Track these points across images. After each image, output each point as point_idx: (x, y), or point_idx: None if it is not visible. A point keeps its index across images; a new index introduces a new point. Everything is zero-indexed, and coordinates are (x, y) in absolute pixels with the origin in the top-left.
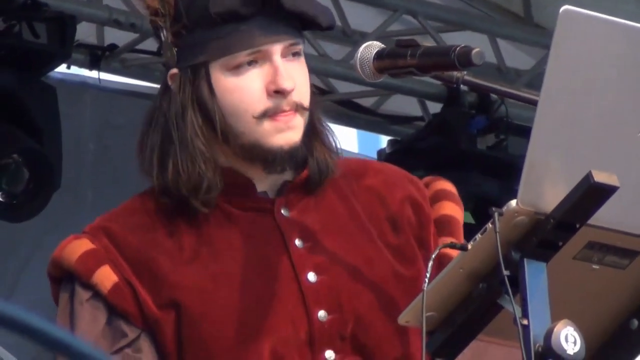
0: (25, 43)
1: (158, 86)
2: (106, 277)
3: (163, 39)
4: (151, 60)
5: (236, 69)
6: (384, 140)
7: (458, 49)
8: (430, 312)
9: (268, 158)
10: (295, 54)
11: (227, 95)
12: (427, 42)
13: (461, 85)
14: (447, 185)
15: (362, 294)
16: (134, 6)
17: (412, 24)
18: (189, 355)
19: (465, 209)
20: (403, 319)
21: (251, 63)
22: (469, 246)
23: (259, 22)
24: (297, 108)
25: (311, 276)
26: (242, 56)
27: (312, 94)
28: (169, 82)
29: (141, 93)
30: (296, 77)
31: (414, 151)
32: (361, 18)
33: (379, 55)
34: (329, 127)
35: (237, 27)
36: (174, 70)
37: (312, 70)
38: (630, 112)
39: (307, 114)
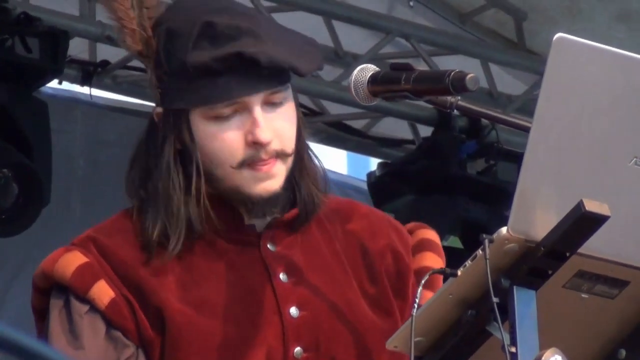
0: (18, 57)
1: (149, 103)
2: (103, 292)
3: (148, 77)
4: (143, 77)
5: (215, 118)
6: (373, 163)
7: (452, 74)
8: (418, 338)
9: (247, 204)
10: (279, 102)
11: (206, 143)
12: (420, 66)
13: (454, 111)
14: (431, 235)
15: (340, 336)
16: None
17: (404, 47)
18: None
19: (454, 234)
20: (391, 344)
21: (232, 114)
22: (459, 272)
23: (237, 76)
24: (278, 155)
25: (293, 311)
26: (221, 107)
27: (300, 133)
28: (155, 119)
29: (132, 110)
30: (278, 126)
31: (404, 174)
32: (354, 40)
33: (374, 78)
34: (319, 165)
35: (214, 81)
36: (159, 109)
37: (303, 91)
38: (622, 140)
39: (290, 159)
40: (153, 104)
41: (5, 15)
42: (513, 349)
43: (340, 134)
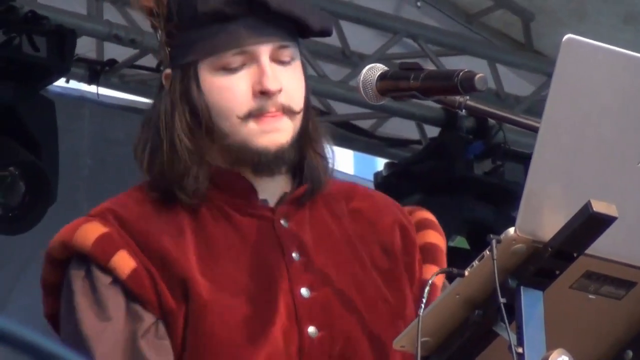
0: (25, 56)
1: None
2: (124, 262)
3: (158, 39)
4: (150, 77)
5: (224, 69)
6: (380, 163)
7: (461, 74)
8: (425, 338)
9: (254, 159)
10: (288, 60)
11: (214, 95)
12: (427, 66)
13: (462, 110)
14: (430, 215)
15: (352, 314)
16: (135, 22)
17: (412, 47)
18: (189, 353)
19: (460, 234)
20: (398, 343)
21: (240, 66)
22: (466, 273)
23: (247, 22)
24: (285, 110)
25: (304, 291)
26: (229, 56)
27: (307, 101)
28: (163, 82)
29: (139, 109)
30: (285, 81)
31: (411, 174)
32: (361, 40)
33: (382, 77)
34: (325, 138)
35: (225, 27)
36: (167, 71)
37: (310, 91)
38: (630, 142)
39: (297, 117)
40: None
41: (13, 14)
42: (520, 350)
43: (347, 134)
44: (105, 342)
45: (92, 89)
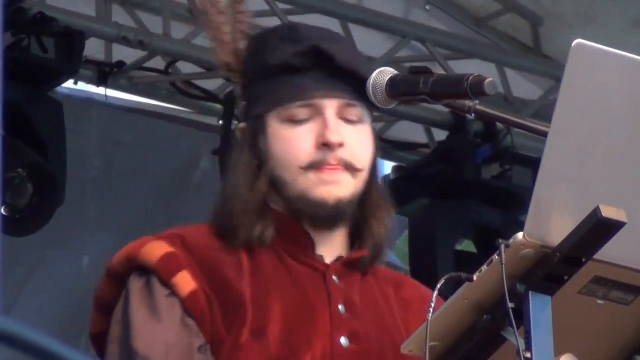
0: (33, 57)
1: (164, 104)
2: (186, 281)
3: (236, 94)
4: (158, 79)
5: (290, 120)
6: (388, 166)
7: (471, 78)
8: (433, 342)
9: (312, 211)
10: (355, 119)
11: (278, 145)
12: (435, 69)
13: (472, 115)
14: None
15: None
16: (143, 23)
17: (420, 51)
18: None
19: (468, 238)
20: (406, 347)
21: (306, 119)
22: (474, 277)
23: (314, 76)
24: (346, 165)
25: (344, 340)
26: (295, 108)
27: (374, 165)
28: (237, 136)
29: (147, 111)
30: (349, 137)
31: (418, 178)
32: (369, 43)
33: (392, 81)
34: (389, 210)
35: (291, 80)
36: (242, 124)
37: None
38: (639, 146)
39: (359, 175)
40: (167, 105)
41: (21, 15)
42: (528, 355)
43: None
44: (153, 342)
45: (100, 90)
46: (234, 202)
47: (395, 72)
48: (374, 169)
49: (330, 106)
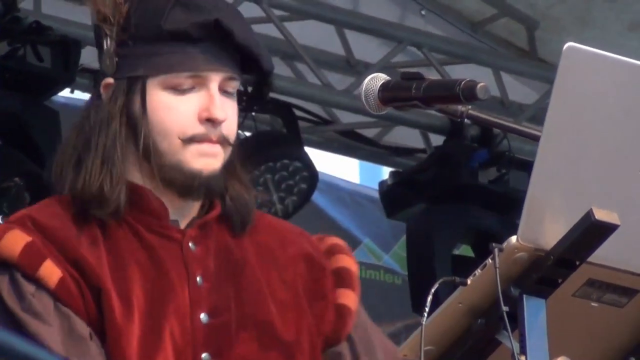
0: (29, 66)
1: None
2: (51, 271)
3: (105, 47)
4: None
5: (173, 89)
6: (385, 172)
7: (463, 83)
8: (428, 346)
9: (186, 182)
10: (232, 92)
11: (158, 113)
12: (431, 74)
13: (465, 120)
14: (339, 240)
15: (248, 343)
16: None
17: (416, 56)
18: None
19: (465, 243)
20: (401, 352)
21: (190, 89)
22: (468, 281)
23: (206, 48)
24: (223, 141)
25: (203, 317)
26: (181, 78)
27: (237, 136)
28: (101, 91)
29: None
30: (228, 112)
31: (415, 183)
32: (365, 48)
33: (384, 87)
34: (247, 177)
35: (184, 49)
36: (109, 80)
37: (315, 100)
38: (632, 150)
39: (229, 150)
40: None
41: (17, 24)
42: (523, 358)
43: (352, 143)
44: (55, 342)
45: None
46: (105, 169)
47: (388, 78)
48: (236, 140)
49: (216, 79)
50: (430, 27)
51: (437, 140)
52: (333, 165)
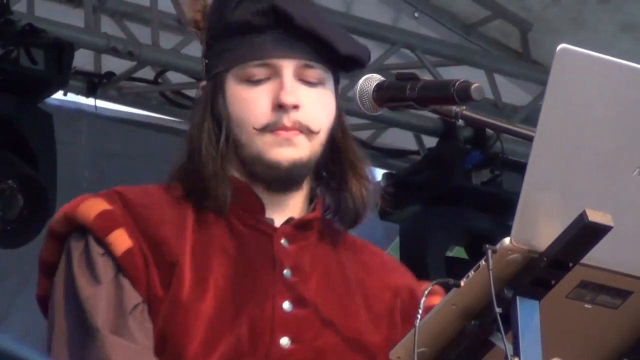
0: (23, 69)
1: (154, 114)
2: (121, 240)
3: (202, 51)
4: (147, 89)
5: (247, 81)
6: (378, 174)
7: (457, 83)
8: (422, 348)
9: (266, 173)
10: (315, 81)
11: (236, 106)
12: (425, 77)
13: (459, 120)
14: (437, 287)
15: (330, 336)
16: (132, 34)
17: (409, 58)
18: (161, 343)
19: (459, 245)
20: (395, 354)
21: (265, 79)
22: (462, 283)
23: (274, 36)
24: (302, 128)
25: (287, 305)
26: (253, 68)
27: (337, 127)
28: (199, 93)
29: (137, 121)
30: (306, 99)
31: (409, 185)
32: None
33: (379, 88)
34: (370, 176)
35: (251, 39)
36: (203, 82)
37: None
38: (625, 151)
39: (316, 138)
40: (157, 115)
41: (10, 27)
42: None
43: None
44: (97, 305)
45: (90, 101)
46: (204, 159)
47: (382, 78)
48: (339, 130)
49: (289, 67)
50: (423, 29)
51: (430, 142)
52: None
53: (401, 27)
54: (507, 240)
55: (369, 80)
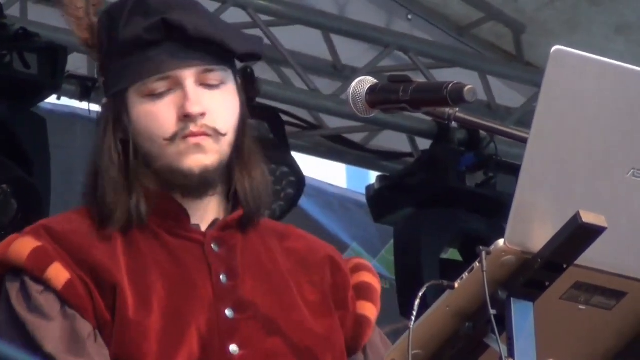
0: (16, 73)
1: None
2: (59, 273)
3: (97, 69)
4: None
5: (150, 95)
6: (372, 176)
7: (450, 85)
8: (416, 350)
9: (181, 181)
10: (216, 83)
11: (141, 120)
12: (418, 79)
13: (452, 122)
14: (365, 261)
15: (276, 337)
16: None
17: (403, 60)
18: None
19: (453, 247)
20: (389, 356)
21: (166, 91)
22: (456, 285)
23: (169, 48)
24: (210, 132)
25: (229, 312)
26: (153, 82)
27: (240, 125)
28: (101, 113)
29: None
30: (211, 103)
31: (403, 187)
32: (352, 53)
33: (372, 90)
34: (266, 175)
35: (147, 54)
36: (104, 100)
37: (301, 105)
38: (619, 152)
39: (224, 140)
40: None
41: (4, 31)
42: None
43: (339, 148)
44: (49, 335)
45: (83, 105)
46: (105, 183)
47: (375, 81)
48: (242, 127)
49: (189, 76)
50: (416, 31)
51: (424, 144)
52: (320, 170)
53: (394, 30)
54: (501, 241)
55: (362, 83)
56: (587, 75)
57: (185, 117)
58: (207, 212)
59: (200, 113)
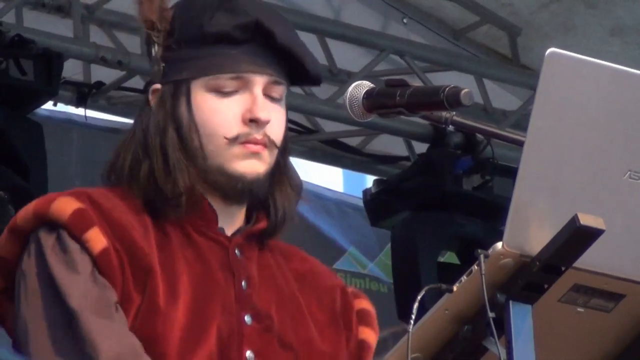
0: (12, 80)
1: None
2: (98, 238)
3: (153, 53)
4: (137, 98)
5: (216, 91)
6: (369, 180)
7: (447, 89)
8: (415, 354)
9: (229, 185)
10: (278, 97)
11: (204, 114)
12: (414, 82)
13: (449, 126)
14: (361, 292)
15: (288, 351)
16: (121, 44)
17: (399, 64)
18: None
19: (450, 250)
20: None
21: (234, 91)
22: (454, 288)
23: (249, 50)
24: (268, 143)
25: (248, 319)
26: (224, 79)
27: (286, 143)
28: (150, 97)
29: (127, 130)
30: (273, 116)
31: (400, 191)
32: (348, 57)
33: (369, 94)
34: (295, 191)
35: (226, 50)
36: (157, 86)
37: (298, 109)
38: (616, 154)
39: (275, 153)
40: None
41: (0, 38)
42: None
43: (335, 152)
44: (76, 291)
45: (79, 111)
46: (172, 161)
47: (372, 85)
48: (285, 144)
49: (260, 82)
50: (412, 35)
51: (420, 147)
52: (317, 175)
53: (390, 33)
54: (499, 244)
55: (359, 87)
56: (582, 77)
57: (251, 122)
58: (233, 219)
59: (266, 120)
